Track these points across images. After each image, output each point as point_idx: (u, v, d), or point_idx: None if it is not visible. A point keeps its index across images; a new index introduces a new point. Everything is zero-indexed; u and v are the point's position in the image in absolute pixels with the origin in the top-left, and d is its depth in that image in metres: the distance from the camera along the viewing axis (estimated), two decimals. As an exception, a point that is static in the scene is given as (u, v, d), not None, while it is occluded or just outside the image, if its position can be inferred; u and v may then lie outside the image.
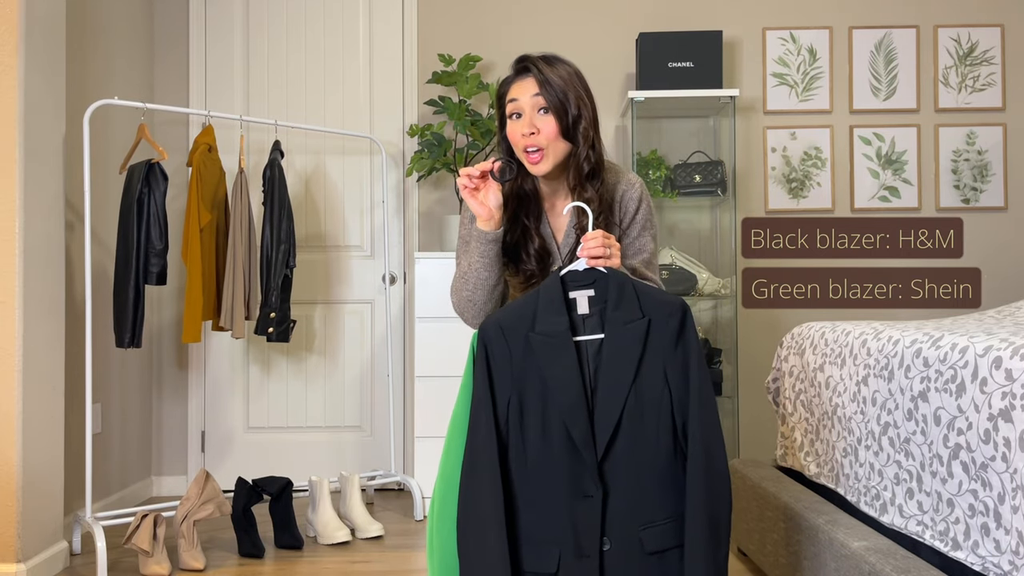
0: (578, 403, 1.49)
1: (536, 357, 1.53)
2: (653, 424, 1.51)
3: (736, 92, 3.33)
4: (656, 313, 1.54)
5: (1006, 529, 1.40)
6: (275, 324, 3.03)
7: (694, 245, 3.63)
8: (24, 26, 2.41)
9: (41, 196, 2.50)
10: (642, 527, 1.49)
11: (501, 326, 1.56)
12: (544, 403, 1.52)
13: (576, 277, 1.57)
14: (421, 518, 3.17)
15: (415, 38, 3.70)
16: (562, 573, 1.49)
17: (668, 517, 1.50)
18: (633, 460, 1.51)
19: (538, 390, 1.53)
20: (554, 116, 1.64)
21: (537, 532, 1.51)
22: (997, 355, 1.46)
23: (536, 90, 1.64)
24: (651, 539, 1.49)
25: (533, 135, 1.64)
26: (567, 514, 1.50)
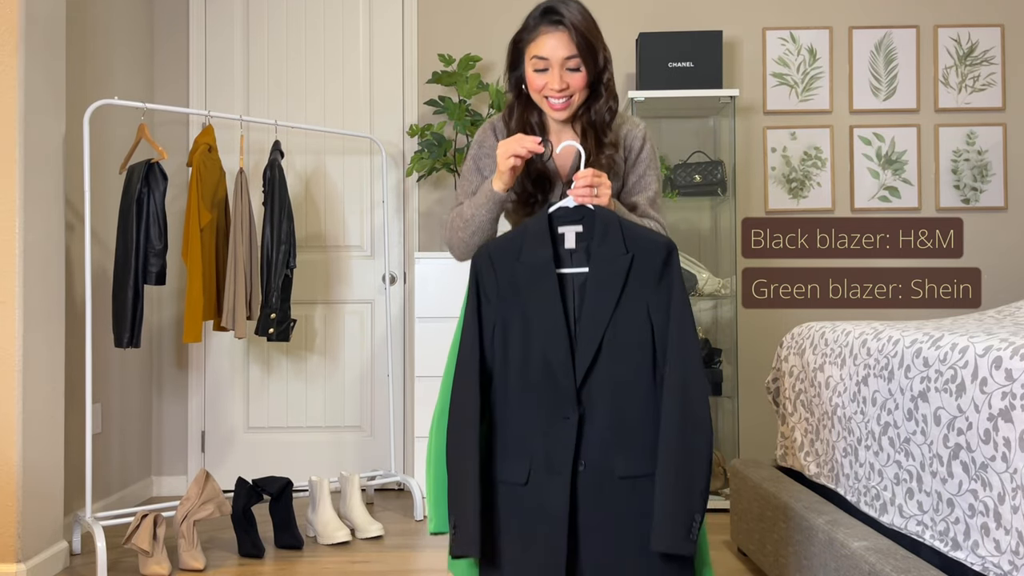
0: (557, 330, 1.58)
1: (521, 285, 1.62)
2: (632, 356, 1.58)
3: (736, 92, 3.33)
4: (641, 250, 1.60)
5: (1006, 529, 1.40)
6: (275, 324, 3.04)
7: (694, 245, 3.63)
8: (24, 26, 2.41)
9: (41, 196, 2.50)
10: (617, 452, 1.56)
11: (491, 256, 1.66)
12: (526, 328, 1.61)
13: (565, 213, 1.64)
14: (421, 518, 3.17)
15: (415, 38, 3.70)
16: (531, 485, 1.57)
17: (643, 446, 1.56)
18: (611, 388, 1.58)
19: (521, 316, 1.62)
20: (585, 72, 1.71)
21: (513, 447, 1.60)
22: (997, 355, 1.46)
23: (568, 52, 1.69)
24: (623, 464, 1.56)
25: (564, 90, 1.71)
26: (543, 433, 1.58)
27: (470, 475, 1.57)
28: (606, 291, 1.59)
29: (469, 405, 1.61)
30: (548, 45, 1.72)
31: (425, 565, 2.62)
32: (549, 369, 1.59)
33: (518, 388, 1.62)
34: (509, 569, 1.59)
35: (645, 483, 1.56)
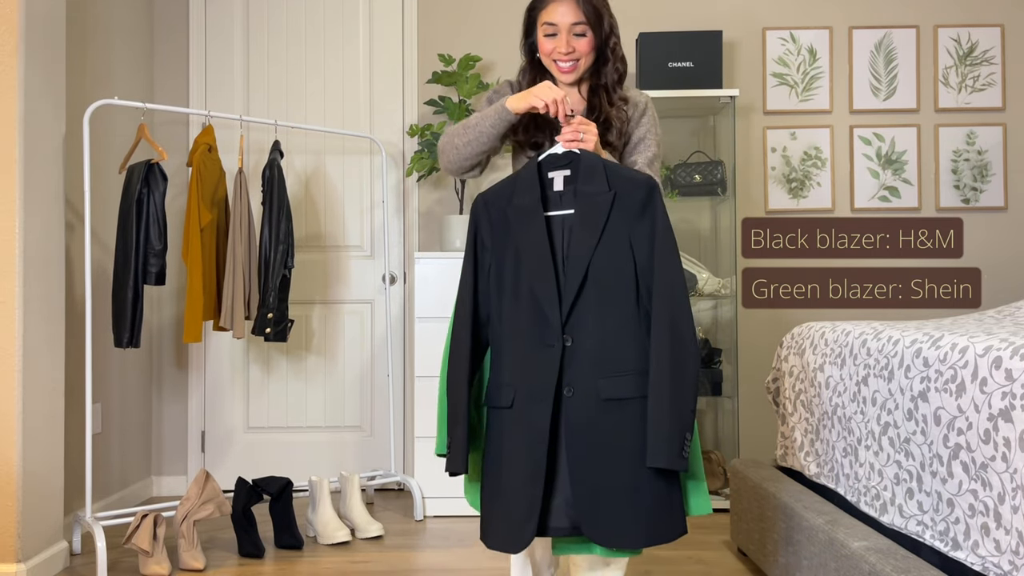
0: (544, 266, 1.69)
1: (511, 227, 1.75)
2: (617, 287, 1.69)
3: (736, 92, 3.33)
4: (623, 187, 1.71)
5: (1006, 529, 1.40)
6: (272, 324, 3.03)
7: (694, 245, 3.63)
8: (24, 26, 2.41)
9: (41, 196, 2.50)
10: (601, 377, 1.66)
11: (486, 201, 1.80)
12: (517, 266, 1.73)
13: (554, 159, 1.76)
14: (421, 518, 3.17)
15: (415, 38, 3.70)
16: (515, 409, 1.69)
17: (628, 371, 1.66)
18: (596, 319, 1.68)
19: (512, 255, 1.75)
20: (592, 37, 1.85)
21: (503, 376, 1.73)
22: (997, 355, 1.46)
23: (575, 19, 1.83)
24: (608, 388, 1.65)
25: (571, 53, 1.86)
26: (531, 362, 1.69)
27: (461, 403, 1.73)
28: (589, 228, 1.69)
29: (464, 341, 1.76)
30: (558, 12, 1.84)
31: (425, 565, 2.62)
32: (537, 303, 1.70)
33: (511, 322, 1.73)
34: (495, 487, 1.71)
35: (629, 405, 1.65)
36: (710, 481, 3.34)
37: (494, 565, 2.60)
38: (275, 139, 3.14)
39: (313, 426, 3.68)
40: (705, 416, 3.62)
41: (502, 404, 1.73)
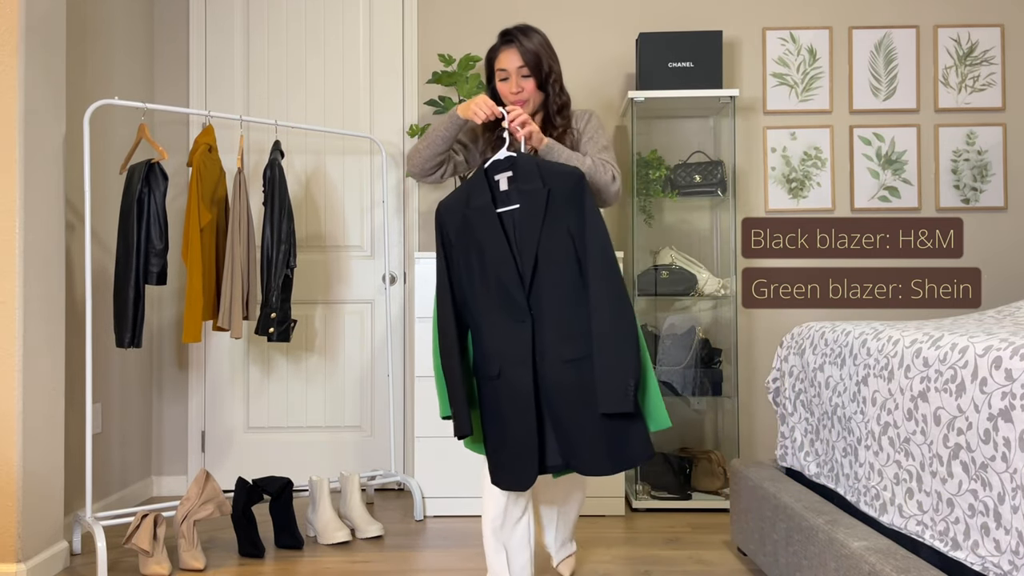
0: (504, 256, 2.03)
1: (472, 226, 2.07)
2: (561, 266, 2.02)
3: (736, 92, 3.33)
4: (555, 182, 2.04)
5: (1006, 529, 1.40)
6: (276, 324, 3.03)
7: (694, 245, 3.63)
8: (24, 26, 2.41)
9: (41, 196, 2.50)
10: (562, 342, 2.01)
11: (446, 207, 2.14)
12: (481, 259, 2.06)
13: (498, 165, 2.10)
14: (421, 518, 3.17)
15: (415, 38, 3.70)
16: (503, 376, 2.04)
17: (580, 334, 2.00)
18: (551, 293, 2.02)
19: (476, 249, 2.07)
20: (533, 77, 2.23)
21: (488, 350, 2.07)
22: (997, 355, 1.47)
23: (519, 63, 2.22)
24: (568, 351, 2.01)
25: (519, 92, 2.23)
26: (508, 336, 2.04)
27: (458, 376, 2.05)
28: (533, 219, 2.03)
29: (450, 324, 2.09)
30: (507, 59, 2.24)
31: (425, 565, 2.62)
32: (503, 287, 2.04)
33: (484, 305, 2.07)
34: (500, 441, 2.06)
35: (585, 362, 2.00)
36: (710, 481, 3.34)
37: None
38: (275, 139, 3.14)
39: (313, 426, 3.68)
40: (705, 416, 3.62)
41: (491, 374, 2.07)
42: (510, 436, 2.05)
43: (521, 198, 2.05)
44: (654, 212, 3.55)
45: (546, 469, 2.05)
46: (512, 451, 2.05)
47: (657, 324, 3.61)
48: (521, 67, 2.22)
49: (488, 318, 2.07)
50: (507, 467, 2.07)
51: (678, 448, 3.55)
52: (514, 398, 2.04)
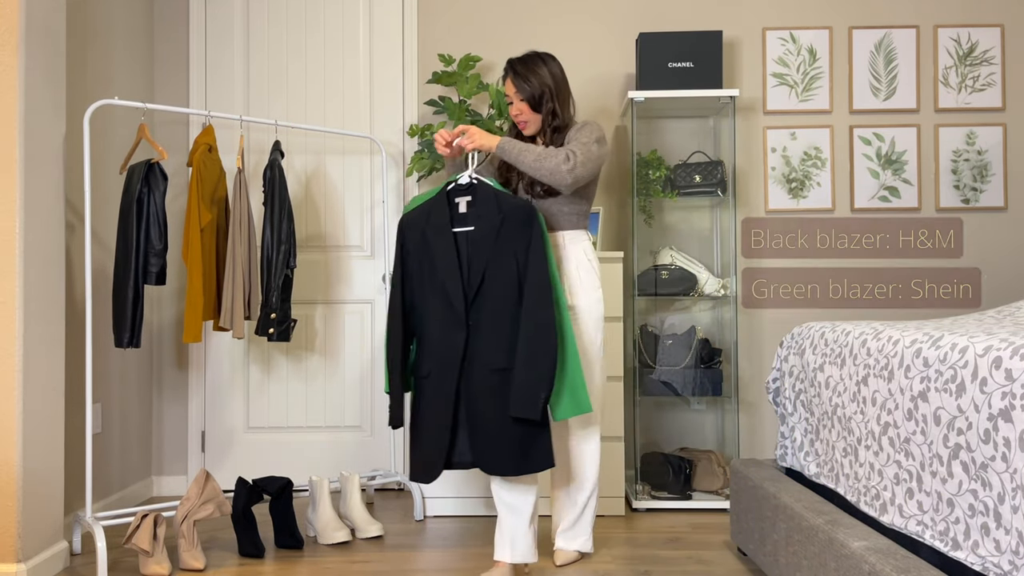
0: (452, 271, 2.32)
1: (429, 240, 2.36)
2: (504, 288, 2.30)
3: (736, 92, 3.33)
4: (509, 212, 2.32)
5: (1006, 529, 1.40)
6: (276, 324, 3.03)
7: (694, 245, 3.63)
8: (24, 26, 2.41)
9: (41, 196, 2.50)
10: (492, 353, 2.29)
11: (408, 222, 2.43)
12: (433, 270, 2.36)
13: (459, 189, 2.40)
14: (421, 518, 3.17)
15: (415, 38, 3.70)
16: (431, 376, 2.35)
17: (511, 348, 2.29)
18: (489, 309, 2.30)
19: (430, 263, 2.36)
20: (528, 103, 2.53)
21: (426, 352, 2.37)
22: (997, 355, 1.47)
23: (516, 90, 2.53)
24: (495, 360, 2.29)
25: (519, 115, 2.56)
26: (445, 342, 2.33)
27: (397, 374, 2.41)
28: (484, 242, 2.31)
29: (396, 327, 2.41)
30: (508, 87, 2.57)
31: (425, 565, 2.62)
32: (448, 298, 2.33)
33: (430, 311, 2.37)
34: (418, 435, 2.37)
35: (508, 373, 2.28)
36: (710, 481, 3.34)
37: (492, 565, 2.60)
38: (275, 139, 3.14)
39: (313, 426, 3.68)
40: (705, 416, 3.62)
41: (423, 374, 2.38)
42: (426, 432, 2.35)
43: (477, 222, 2.33)
44: (654, 212, 3.55)
45: (453, 465, 2.34)
46: (426, 446, 2.34)
47: (657, 324, 3.62)
48: (516, 92, 2.54)
49: (431, 324, 2.36)
50: (420, 460, 2.35)
51: (678, 448, 3.55)
52: (437, 397, 2.33)
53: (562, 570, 2.54)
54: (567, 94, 2.57)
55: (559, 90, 2.53)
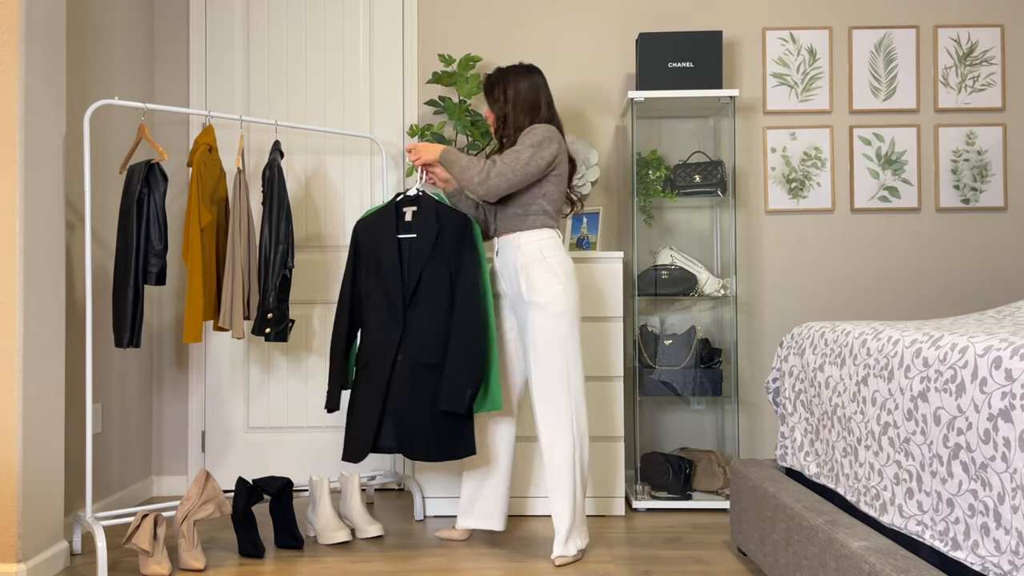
0: (395, 274, 2.64)
1: (377, 244, 2.68)
2: (438, 291, 2.59)
3: (736, 92, 3.33)
4: (447, 223, 2.64)
5: (1006, 529, 1.40)
6: (272, 324, 3.03)
7: (694, 245, 3.63)
8: (24, 26, 2.41)
9: (41, 196, 2.50)
10: (424, 350, 2.57)
11: (363, 225, 2.77)
12: (378, 271, 2.68)
13: (407, 199, 2.73)
14: (421, 518, 3.17)
15: (415, 38, 3.70)
16: (367, 367, 2.66)
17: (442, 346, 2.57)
18: (424, 310, 2.60)
19: (376, 264, 2.69)
20: (494, 114, 2.77)
21: (366, 344, 2.68)
22: (997, 355, 1.47)
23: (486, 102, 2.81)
24: (426, 356, 2.58)
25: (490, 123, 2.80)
26: (383, 337, 2.63)
27: (339, 360, 2.77)
28: (423, 249, 2.62)
29: (343, 320, 2.77)
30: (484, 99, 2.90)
31: (425, 565, 2.62)
32: (389, 298, 2.64)
33: (373, 308, 2.68)
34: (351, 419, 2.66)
35: (437, 368, 2.56)
36: (710, 481, 3.34)
37: (494, 565, 2.60)
38: (275, 139, 3.14)
39: (313, 426, 3.68)
40: (705, 416, 3.62)
41: (361, 364, 2.69)
42: (358, 417, 2.63)
43: (419, 230, 2.64)
44: (654, 212, 3.55)
45: (377, 449, 2.60)
46: (357, 429, 2.62)
47: (657, 324, 3.62)
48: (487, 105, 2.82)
49: (372, 319, 2.66)
50: (350, 442, 2.64)
51: (678, 448, 3.55)
52: (370, 386, 2.62)
53: (562, 570, 2.55)
54: (530, 104, 2.69)
55: (517, 101, 2.69)
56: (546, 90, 2.74)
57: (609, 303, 3.20)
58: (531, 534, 2.95)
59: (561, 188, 2.68)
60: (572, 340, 2.60)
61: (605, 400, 3.19)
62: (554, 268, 2.60)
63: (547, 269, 2.60)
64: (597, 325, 3.20)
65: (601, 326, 3.20)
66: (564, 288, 2.60)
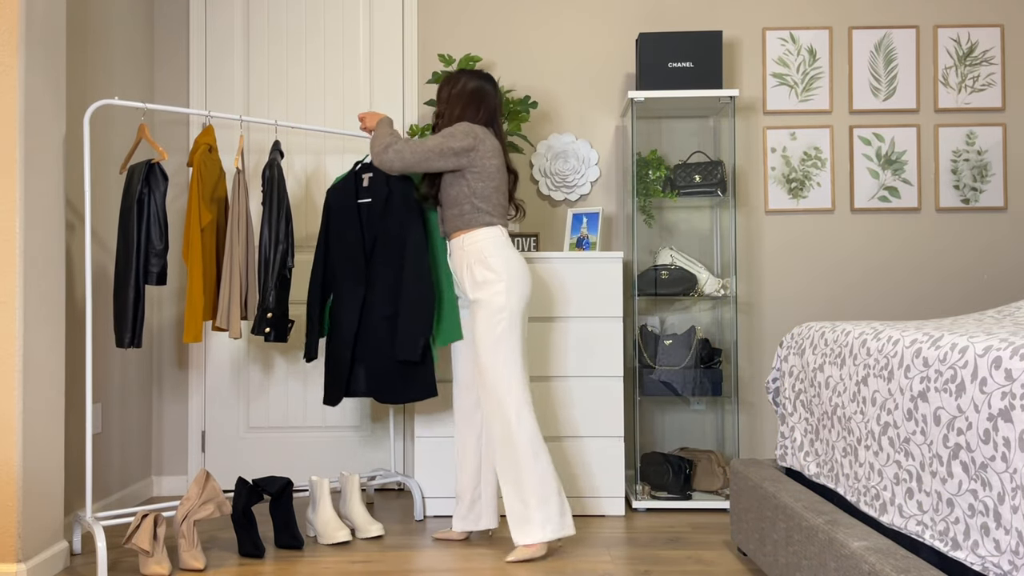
0: (356, 236, 2.93)
1: (343, 210, 2.97)
2: (391, 248, 2.85)
3: (736, 92, 3.33)
4: (394, 188, 2.88)
5: (1006, 529, 1.40)
6: (271, 324, 3.03)
7: (694, 245, 3.63)
8: (24, 26, 2.41)
9: (41, 196, 2.50)
10: (382, 302, 2.85)
11: (334, 190, 3.05)
12: (343, 236, 2.96)
13: (364, 166, 3.01)
14: (421, 518, 3.17)
15: (415, 38, 3.70)
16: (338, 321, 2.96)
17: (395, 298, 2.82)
18: (381, 268, 2.87)
19: (340, 228, 2.98)
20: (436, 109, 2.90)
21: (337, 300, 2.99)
22: (997, 355, 1.47)
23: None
24: (384, 309, 2.86)
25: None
26: (350, 293, 2.93)
27: (315, 319, 3.03)
28: (377, 211, 2.90)
29: (318, 276, 3.03)
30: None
31: (425, 565, 2.62)
32: (353, 258, 2.93)
33: (342, 268, 2.96)
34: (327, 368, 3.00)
35: (394, 320, 2.82)
36: (710, 481, 3.34)
37: (494, 565, 2.60)
38: (275, 139, 3.13)
39: (313, 426, 3.68)
40: (705, 416, 3.62)
41: (333, 319, 3.00)
42: (333, 366, 2.96)
43: (372, 195, 2.92)
44: (654, 212, 3.55)
45: (351, 393, 2.94)
46: (332, 377, 2.96)
47: (657, 324, 3.62)
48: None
49: (342, 278, 2.95)
50: (327, 389, 2.98)
51: (678, 448, 3.55)
52: (341, 338, 2.94)
53: (562, 570, 2.54)
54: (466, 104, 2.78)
55: (453, 99, 2.79)
56: (492, 98, 2.80)
57: (609, 303, 3.20)
58: (531, 534, 2.94)
59: (491, 186, 2.71)
60: (511, 337, 2.63)
61: (605, 400, 3.19)
62: (494, 266, 2.65)
63: (487, 267, 2.65)
64: (597, 325, 3.20)
65: (601, 326, 3.20)
66: (505, 286, 2.63)
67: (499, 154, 2.75)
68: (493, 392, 2.64)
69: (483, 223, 2.70)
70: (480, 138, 2.70)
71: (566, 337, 3.20)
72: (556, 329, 3.20)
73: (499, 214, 2.73)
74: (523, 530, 2.61)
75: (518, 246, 3.44)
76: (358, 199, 2.94)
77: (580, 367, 3.20)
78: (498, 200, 2.73)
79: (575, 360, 3.20)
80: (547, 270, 3.21)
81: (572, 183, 3.63)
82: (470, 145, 2.67)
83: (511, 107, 3.41)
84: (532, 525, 2.60)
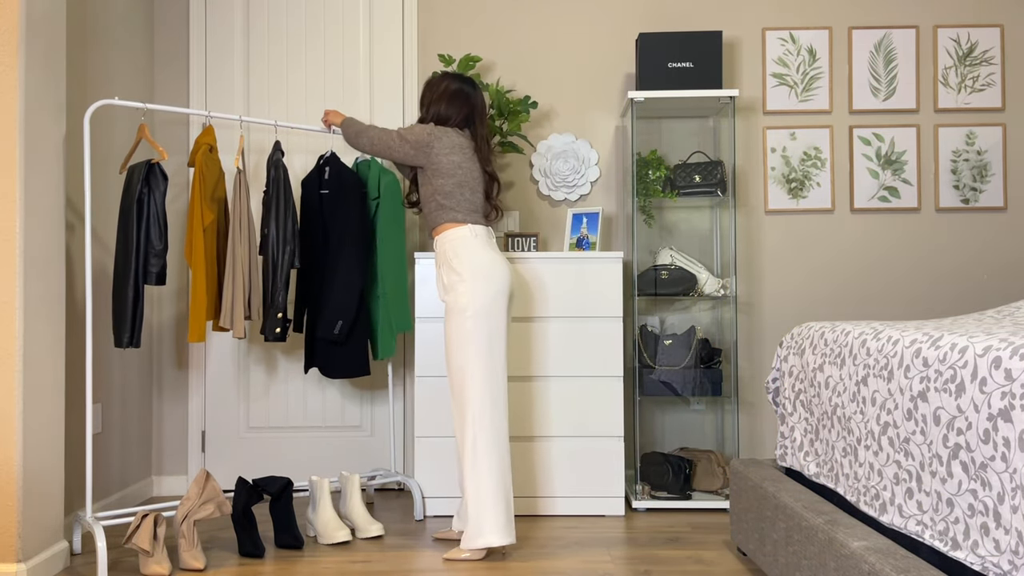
0: (316, 224, 3.13)
1: (308, 198, 3.18)
2: (335, 238, 3.07)
3: (736, 92, 3.33)
4: (344, 180, 3.10)
5: (1005, 529, 1.40)
6: (282, 324, 3.03)
7: (694, 245, 3.63)
8: (24, 26, 2.41)
9: (41, 196, 2.50)
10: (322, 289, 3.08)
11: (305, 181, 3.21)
12: (309, 221, 3.16)
13: (326, 160, 3.16)
14: (421, 518, 3.17)
15: (415, 38, 3.70)
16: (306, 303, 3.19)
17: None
18: (327, 257, 3.10)
19: (307, 214, 3.17)
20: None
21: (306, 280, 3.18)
22: (997, 355, 1.47)
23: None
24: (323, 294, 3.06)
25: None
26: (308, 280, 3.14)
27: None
28: (331, 202, 3.11)
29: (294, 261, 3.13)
30: None
31: (425, 565, 2.62)
32: (313, 246, 3.12)
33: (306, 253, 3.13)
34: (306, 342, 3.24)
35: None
36: (710, 481, 3.34)
37: (494, 565, 2.60)
38: (276, 140, 3.13)
39: (313, 426, 3.68)
40: (705, 416, 3.62)
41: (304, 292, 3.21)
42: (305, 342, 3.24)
43: (330, 187, 3.11)
44: (654, 212, 3.55)
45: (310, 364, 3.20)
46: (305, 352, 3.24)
47: (657, 324, 3.62)
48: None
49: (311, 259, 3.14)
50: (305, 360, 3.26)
51: (678, 448, 3.55)
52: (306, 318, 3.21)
53: (562, 570, 2.55)
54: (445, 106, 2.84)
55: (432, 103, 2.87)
56: (471, 100, 2.85)
57: (609, 303, 3.20)
58: (532, 534, 2.95)
59: (452, 182, 2.73)
60: (477, 338, 2.62)
61: (605, 400, 3.19)
62: (456, 267, 2.66)
63: (451, 269, 2.68)
64: (597, 325, 3.20)
65: (601, 326, 3.20)
66: (469, 286, 2.63)
67: (460, 151, 2.77)
68: (459, 393, 2.65)
69: (448, 220, 2.73)
70: (436, 135, 2.76)
71: (566, 337, 3.20)
72: (556, 329, 3.20)
73: (466, 211, 2.73)
74: (468, 532, 2.62)
75: (518, 246, 3.44)
76: (320, 190, 3.13)
77: (580, 367, 3.20)
78: (463, 197, 2.73)
79: (575, 360, 3.20)
80: (547, 270, 3.21)
81: (572, 183, 3.63)
82: (424, 140, 2.75)
83: (511, 107, 3.41)
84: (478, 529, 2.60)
